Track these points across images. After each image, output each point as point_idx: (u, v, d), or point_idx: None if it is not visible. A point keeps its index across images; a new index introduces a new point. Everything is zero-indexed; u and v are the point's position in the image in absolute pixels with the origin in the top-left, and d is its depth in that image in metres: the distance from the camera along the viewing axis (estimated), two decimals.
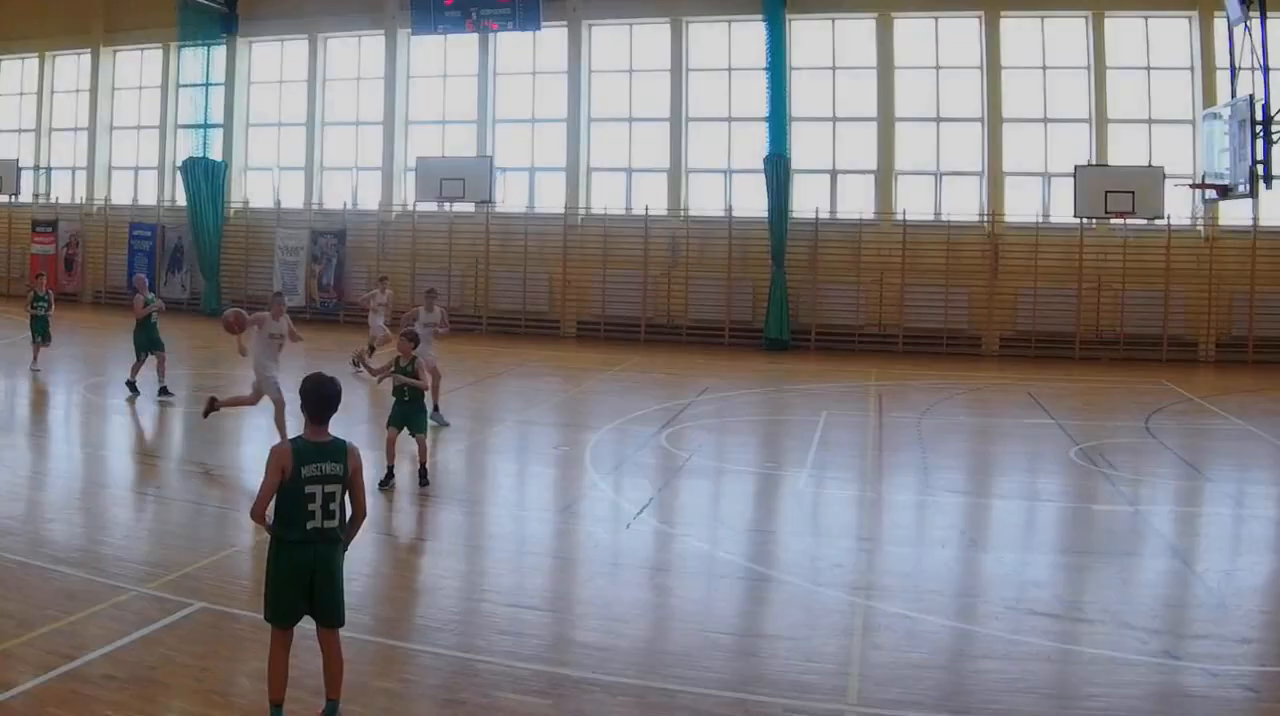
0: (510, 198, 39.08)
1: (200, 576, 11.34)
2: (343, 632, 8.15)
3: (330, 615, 8.04)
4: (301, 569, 7.89)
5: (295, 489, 7.84)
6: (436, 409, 20.04)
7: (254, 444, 18.81)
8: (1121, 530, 14.44)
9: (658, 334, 36.26)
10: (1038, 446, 20.42)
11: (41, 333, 25.81)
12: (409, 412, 15.91)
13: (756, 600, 11.66)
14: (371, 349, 25.85)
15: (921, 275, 34.39)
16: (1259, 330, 32.48)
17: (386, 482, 15.32)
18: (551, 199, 38.45)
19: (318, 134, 41.37)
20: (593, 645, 10.08)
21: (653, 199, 37.06)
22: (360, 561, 12.39)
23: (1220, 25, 29.74)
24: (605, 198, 37.95)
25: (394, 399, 16.07)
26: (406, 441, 15.87)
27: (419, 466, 15.70)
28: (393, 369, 16.11)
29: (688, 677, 9.19)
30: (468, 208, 38.08)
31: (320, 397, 8.06)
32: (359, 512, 8.23)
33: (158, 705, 8.41)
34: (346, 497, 8.05)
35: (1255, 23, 25.26)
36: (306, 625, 8.03)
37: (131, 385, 22.60)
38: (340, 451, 8.00)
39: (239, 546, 12.54)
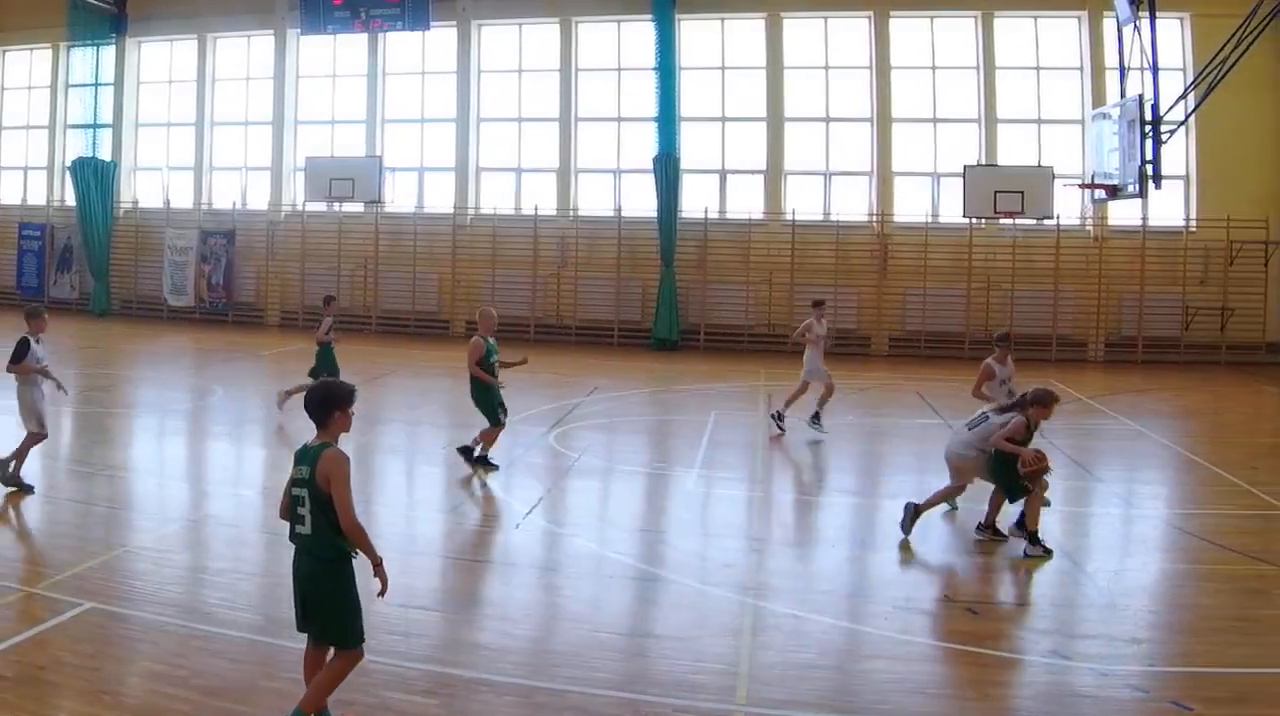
0: (399, 198, 38.79)
1: (90, 576, 11.18)
2: (231, 632, 7.94)
3: (319, 630, 7.81)
4: (293, 573, 7.78)
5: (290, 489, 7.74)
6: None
7: (143, 445, 18.51)
8: None
9: (547, 334, 36.14)
10: (927, 446, 20.46)
11: (334, 365, 20.68)
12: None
13: (646, 600, 11.62)
14: (794, 398, 21.37)
15: (811, 275, 34.55)
16: (1147, 330, 33.14)
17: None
18: (440, 199, 38.27)
19: (207, 134, 40.82)
20: (482, 645, 10.04)
21: (542, 199, 37.04)
22: (250, 561, 12.30)
23: (1109, 25, 30.38)
24: (494, 198, 37.82)
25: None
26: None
27: (1029, 532, 13.17)
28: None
29: (577, 677, 9.17)
30: (357, 207, 37.83)
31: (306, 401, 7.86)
32: (342, 526, 7.54)
33: (47, 705, 8.33)
34: (325, 507, 7.52)
35: (1144, 23, 25.73)
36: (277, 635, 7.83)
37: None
38: (313, 458, 7.57)
39: (129, 546, 12.34)
